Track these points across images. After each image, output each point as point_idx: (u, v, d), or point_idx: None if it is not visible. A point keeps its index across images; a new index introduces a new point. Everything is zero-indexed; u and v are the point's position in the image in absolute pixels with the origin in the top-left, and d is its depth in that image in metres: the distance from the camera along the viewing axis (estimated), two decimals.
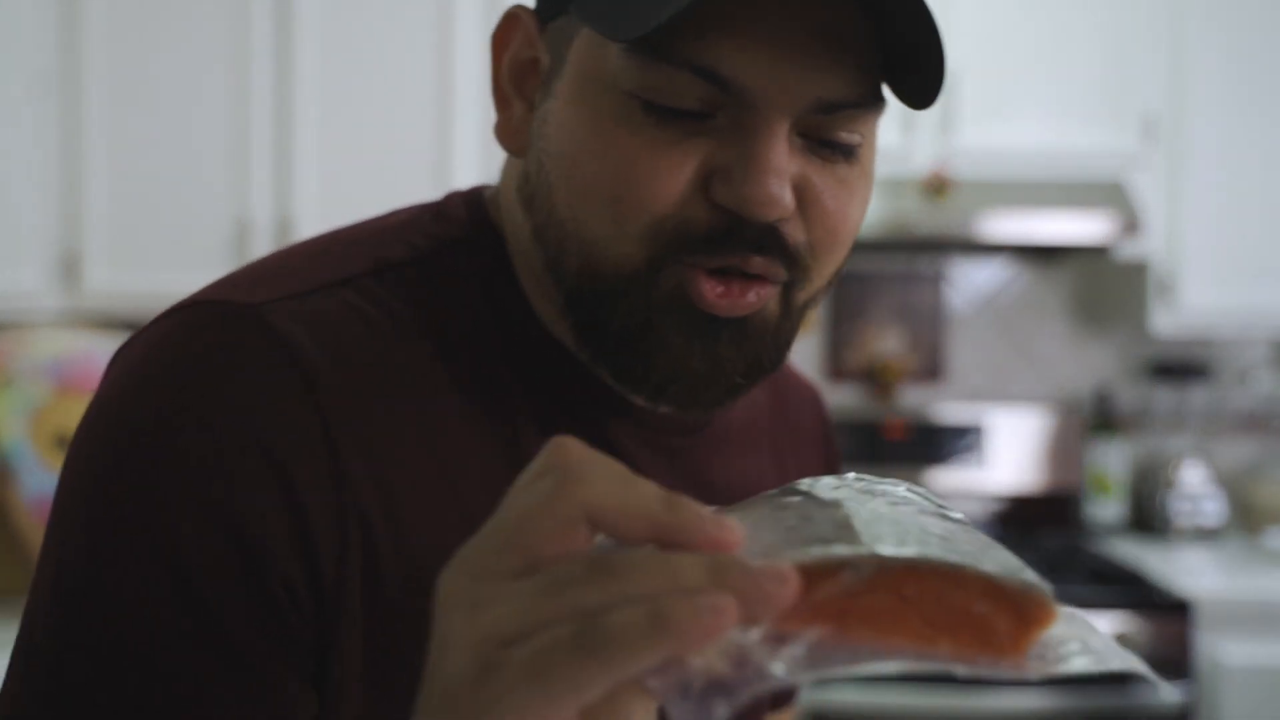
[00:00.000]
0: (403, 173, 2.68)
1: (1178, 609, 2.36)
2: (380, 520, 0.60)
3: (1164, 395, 3.11)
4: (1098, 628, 0.45)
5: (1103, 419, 3.02)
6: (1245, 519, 2.99)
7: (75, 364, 2.16)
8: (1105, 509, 2.98)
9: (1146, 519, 3.01)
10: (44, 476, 2.07)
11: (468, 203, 0.72)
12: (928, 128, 2.69)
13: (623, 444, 0.70)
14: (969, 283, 3.14)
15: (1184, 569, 2.59)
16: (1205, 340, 3.08)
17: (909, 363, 3.12)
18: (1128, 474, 3.04)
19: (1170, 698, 2.31)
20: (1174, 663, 2.33)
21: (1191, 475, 2.91)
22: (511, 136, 0.68)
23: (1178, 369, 3.05)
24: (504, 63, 0.68)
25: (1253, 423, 3.11)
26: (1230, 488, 3.03)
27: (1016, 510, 2.96)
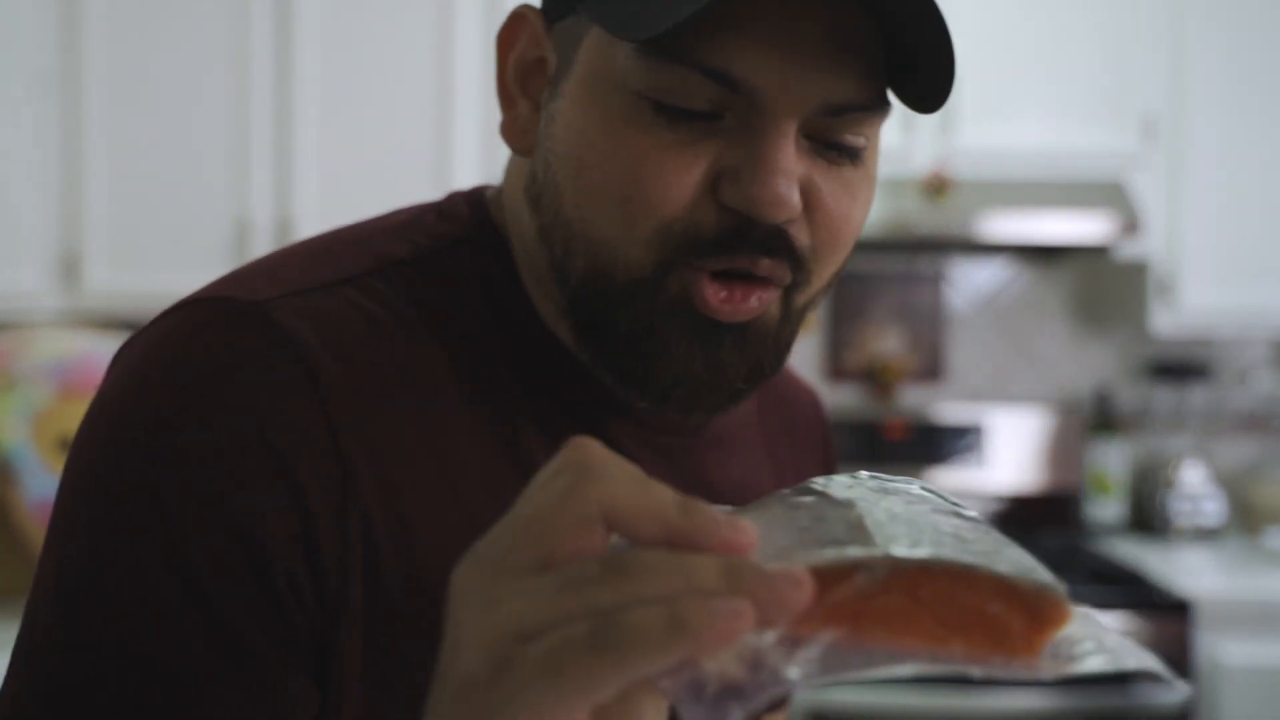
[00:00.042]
0: (403, 173, 2.68)
1: (1178, 609, 2.36)
2: (381, 519, 0.60)
3: (1164, 395, 3.11)
4: (1112, 627, 0.45)
5: (1103, 419, 3.02)
6: (1245, 519, 2.99)
7: (78, 366, 2.16)
8: (1105, 509, 2.98)
9: (1146, 519, 3.01)
10: (46, 479, 2.07)
11: (470, 202, 0.72)
12: (928, 128, 2.69)
13: (623, 444, 0.70)
14: (969, 283, 3.15)
15: (1184, 569, 2.59)
16: (1205, 340, 3.08)
17: (909, 363, 3.12)
18: (1128, 474, 3.04)
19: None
20: (1174, 663, 2.33)
21: (1191, 475, 2.91)
22: (518, 136, 0.68)
23: (1178, 369, 3.05)
24: (509, 62, 0.68)
25: (1253, 423, 3.11)
26: (1230, 488, 3.03)
27: (1016, 510, 2.96)
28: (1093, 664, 0.41)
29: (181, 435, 0.57)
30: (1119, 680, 2.31)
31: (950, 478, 2.96)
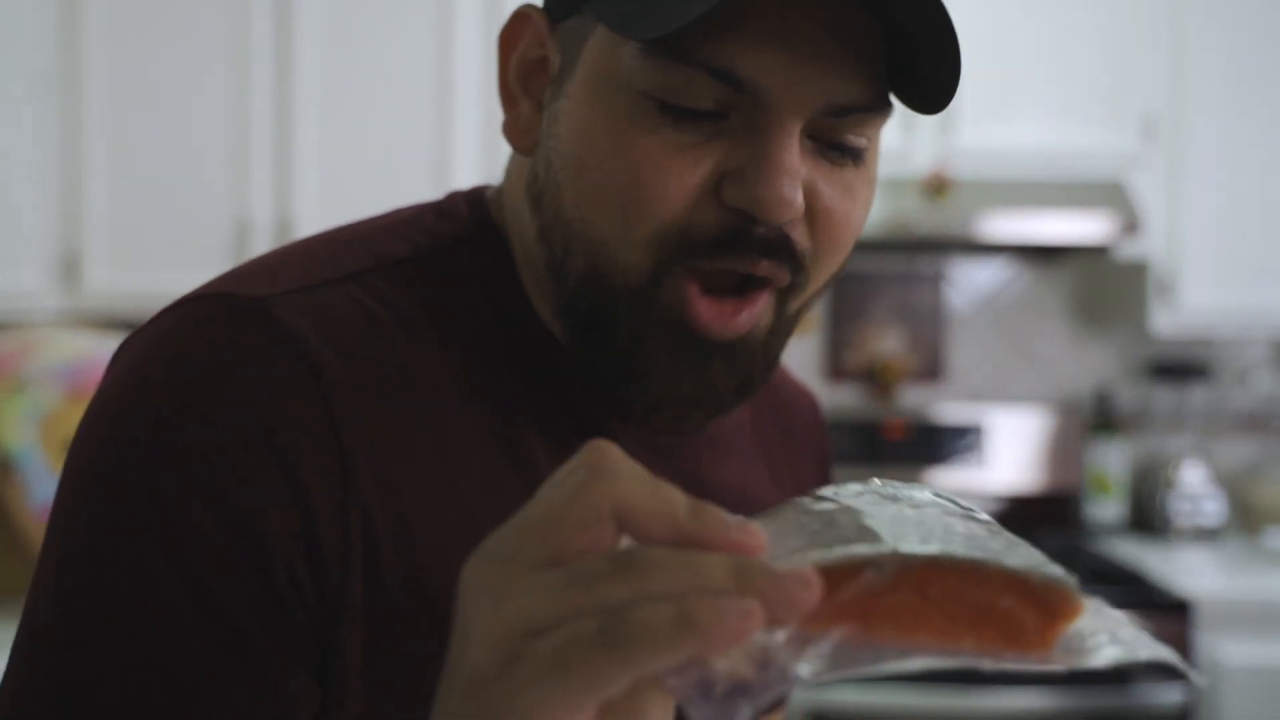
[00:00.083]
0: (403, 173, 2.67)
1: (1178, 609, 2.36)
2: (382, 518, 0.60)
3: (1164, 395, 3.11)
4: (1125, 619, 0.44)
5: (1103, 419, 3.02)
6: (1245, 519, 2.99)
7: (87, 368, 2.15)
8: (1105, 509, 2.98)
9: (1146, 519, 3.01)
10: (52, 482, 2.06)
11: (469, 202, 0.72)
12: (928, 128, 2.69)
13: (623, 444, 0.69)
14: (969, 283, 3.15)
15: (1184, 569, 2.59)
16: (1205, 340, 3.08)
17: (909, 363, 3.12)
18: (1128, 474, 3.04)
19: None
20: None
21: (1191, 475, 2.91)
22: (520, 135, 0.68)
23: (1178, 369, 3.05)
24: (511, 62, 0.68)
25: (1253, 423, 3.12)
26: (1230, 488, 3.03)
27: (1016, 510, 2.96)
28: (1107, 655, 0.41)
29: (183, 432, 0.57)
30: (1119, 680, 2.31)
31: (950, 478, 2.96)
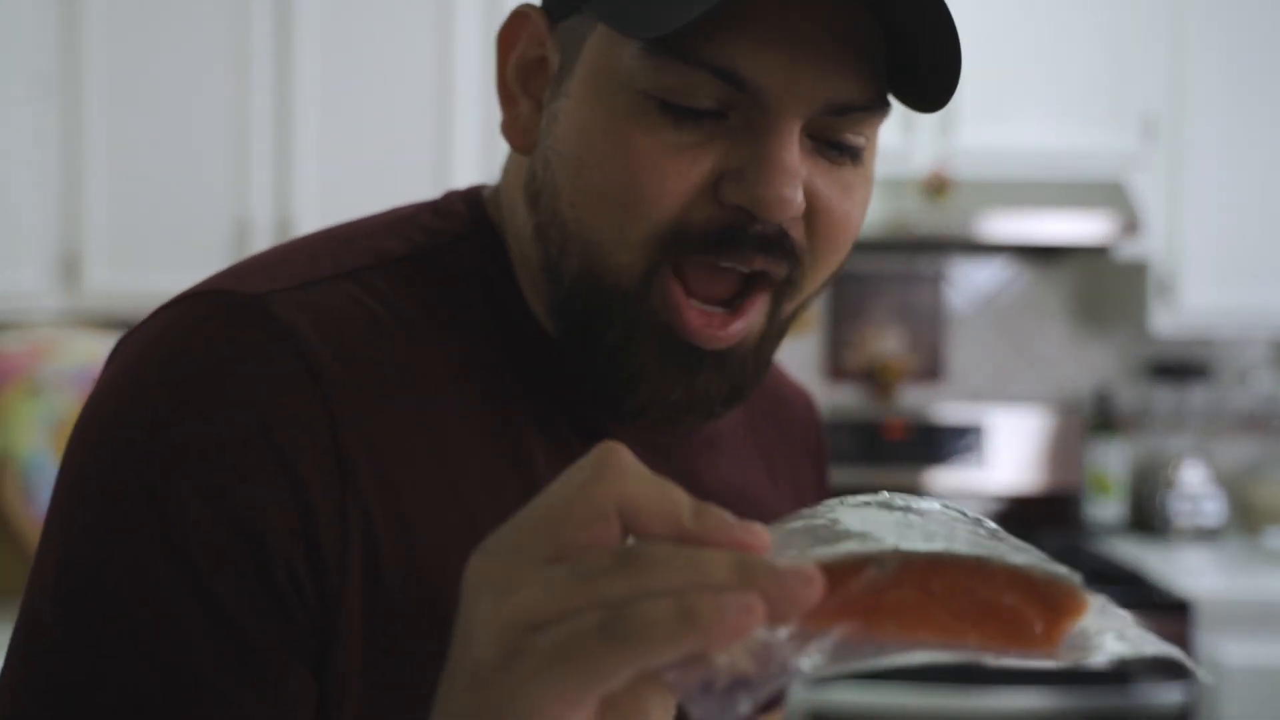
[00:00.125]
0: (403, 173, 2.67)
1: (1178, 609, 2.36)
2: (381, 518, 0.59)
3: (1164, 395, 3.11)
4: (1131, 619, 0.44)
5: (1103, 419, 3.02)
6: (1245, 519, 2.99)
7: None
8: (1105, 509, 2.98)
9: (1146, 519, 3.01)
10: None
11: (466, 201, 0.72)
12: (928, 128, 2.69)
13: (622, 443, 0.70)
14: (969, 283, 3.15)
15: (1184, 569, 2.59)
16: (1205, 340, 3.08)
17: (909, 363, 3.12)
18: (1128, 474, 3.04)
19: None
20: (1174, 663, 2.32)
21: (1191, 475, 2.91)
22: (519, 135, 0.68)
23: (1178, 369, 3.05)
24: (510, 61, 0.68)
25: (1253, 423, 3.12)
26: (1230, 488, 3.03)
27: (1016, 510, 2.96)
28: (1112, 649, 0.41)
29: (181, 429, 0.57)
30: (1120, 679, 2.31)
31: (950, 478, 2.96)
